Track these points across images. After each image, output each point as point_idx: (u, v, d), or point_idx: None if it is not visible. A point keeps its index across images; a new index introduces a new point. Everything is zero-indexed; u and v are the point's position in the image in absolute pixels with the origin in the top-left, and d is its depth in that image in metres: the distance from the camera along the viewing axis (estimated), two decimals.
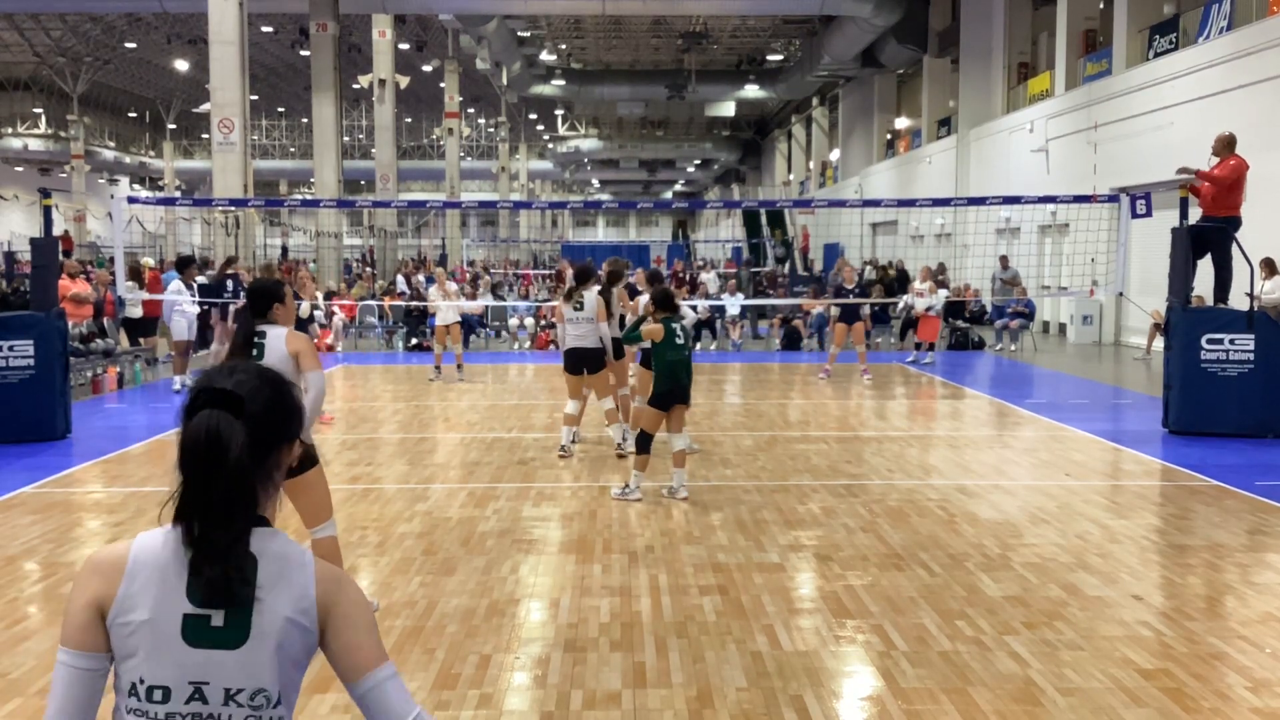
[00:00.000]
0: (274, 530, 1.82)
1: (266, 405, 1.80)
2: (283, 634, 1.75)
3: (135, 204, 19.88)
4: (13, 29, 45.99)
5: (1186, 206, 11.32)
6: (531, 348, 21.11)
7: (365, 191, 61.68)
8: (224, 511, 1.72)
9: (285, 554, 1.78)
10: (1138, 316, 19.80)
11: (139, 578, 1.76)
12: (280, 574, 1.76)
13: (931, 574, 6.25)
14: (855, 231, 37.57)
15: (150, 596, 1.74)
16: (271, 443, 1.81)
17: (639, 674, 4.77)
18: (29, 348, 10.39)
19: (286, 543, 1.81)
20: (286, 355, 5.19)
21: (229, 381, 1.79)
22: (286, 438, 1.85)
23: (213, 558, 1.72)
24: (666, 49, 45.37)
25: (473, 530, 7.25)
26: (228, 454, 1.72)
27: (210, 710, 1.73)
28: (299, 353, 5.22)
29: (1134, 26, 21.73)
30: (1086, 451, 10.24)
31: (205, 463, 1.72)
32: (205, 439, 1.73)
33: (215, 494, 1.72)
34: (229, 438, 1.72)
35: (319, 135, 28.17)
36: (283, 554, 1.78)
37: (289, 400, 1.87)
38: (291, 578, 1.77)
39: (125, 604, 1.75)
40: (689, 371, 8.20)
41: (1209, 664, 4.89)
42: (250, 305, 5.31)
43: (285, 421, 1.85)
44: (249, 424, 1.75)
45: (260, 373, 1.86)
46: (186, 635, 1.73)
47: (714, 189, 77.20)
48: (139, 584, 1.75)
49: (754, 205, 39.19)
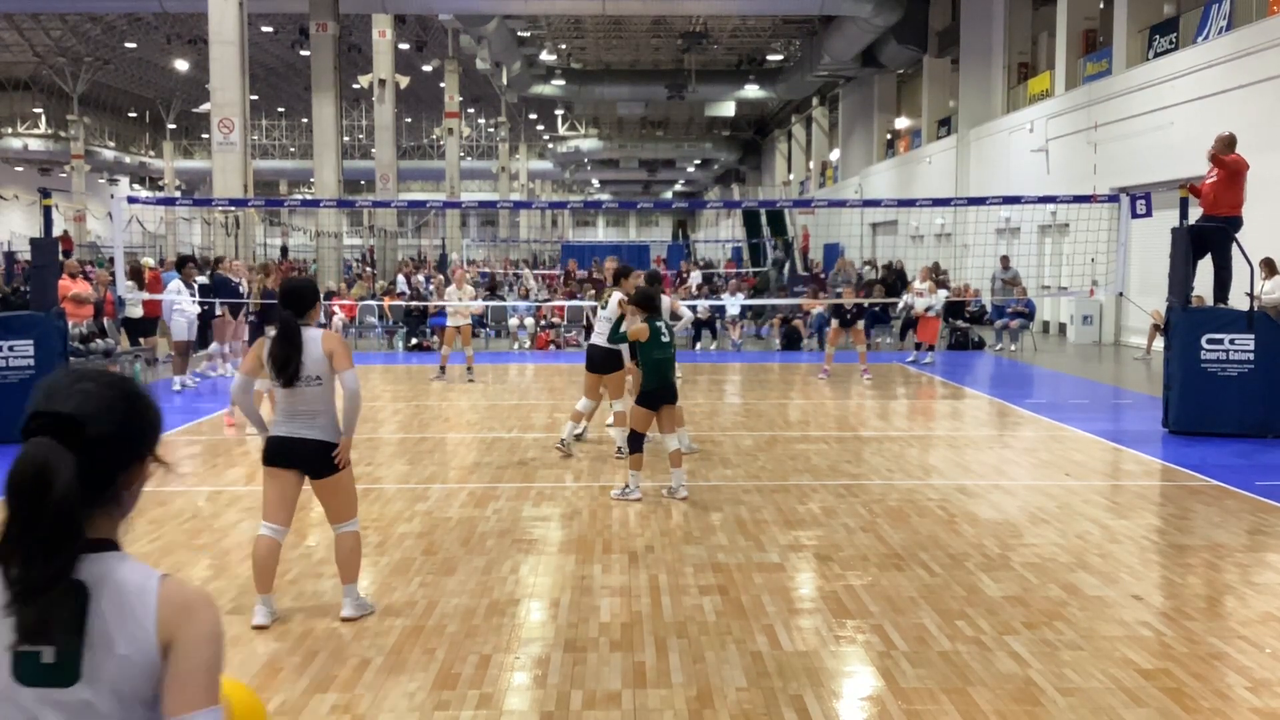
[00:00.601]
0: (118, 555, 1.69)
1: (116, 424, 1.68)
2: (119, 671, 1.63)
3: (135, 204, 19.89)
4: (13, 29, 45.99)
5: (1186, 206, 11.32)
6: (531, 348, 21.12)
7: (365, 191, 61.69)
8: (44, 551, 1.60)
9: (124, 584, 1.65)
10: (1138, 316, 19.80)
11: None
12: (117, 606, 1.63)
13: (931, 574, 6.25)
14: (855, 231, 37.58)
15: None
16: (120, 463, 1.70)
17: (639, 674, 4.77)
18: (29, 348, 10.39)
19: (130, 570, 1.67)
20: (322, 356, 5.24)
21: (69, 403, 1.65)
22: (138, 456, 1.73)
23: (27, 598, 1.60)
24: (666, 49, 45.37)
25: (473, 530, 7.25)
26: (51, 491, 1.59)
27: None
28: (333, 353, 5.27)
29: (1134, 26, 21.73)
30: (1086, 451, 10.25)
31: (29, 499, 1.60)
32: (31, 473, 1.60)
33: (36, 533, 1.60)
34: (55, 473, 1.60)
35: (319, 135, 28.17)
36: (122, 584, 1.65)
37: (143, 415, 1.74)
38: (130, 610, 1.64)
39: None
40: (673, 368, 8.26)
41: (1209, 664, 4.89)
42: (289, 304, 5.31)
43: (137, 439, 1.73)
44: (90, 448, 1.64)
45: (110, 386, 1.72)
46: (18, 673, 1.62)
47: (714, 189, 77.20)
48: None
49: (754, 205, 39.21)
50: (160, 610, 1.65)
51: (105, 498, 1.69)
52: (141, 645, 1.64)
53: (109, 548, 1.69)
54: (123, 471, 1.71)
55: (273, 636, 5.24)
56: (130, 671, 1.63)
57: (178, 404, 13.45)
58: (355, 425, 5.42)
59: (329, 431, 5.32)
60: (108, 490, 1.69)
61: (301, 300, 5.34)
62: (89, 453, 1.64)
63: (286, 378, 5.21)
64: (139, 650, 1.64)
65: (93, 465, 1.65)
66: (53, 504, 1.60)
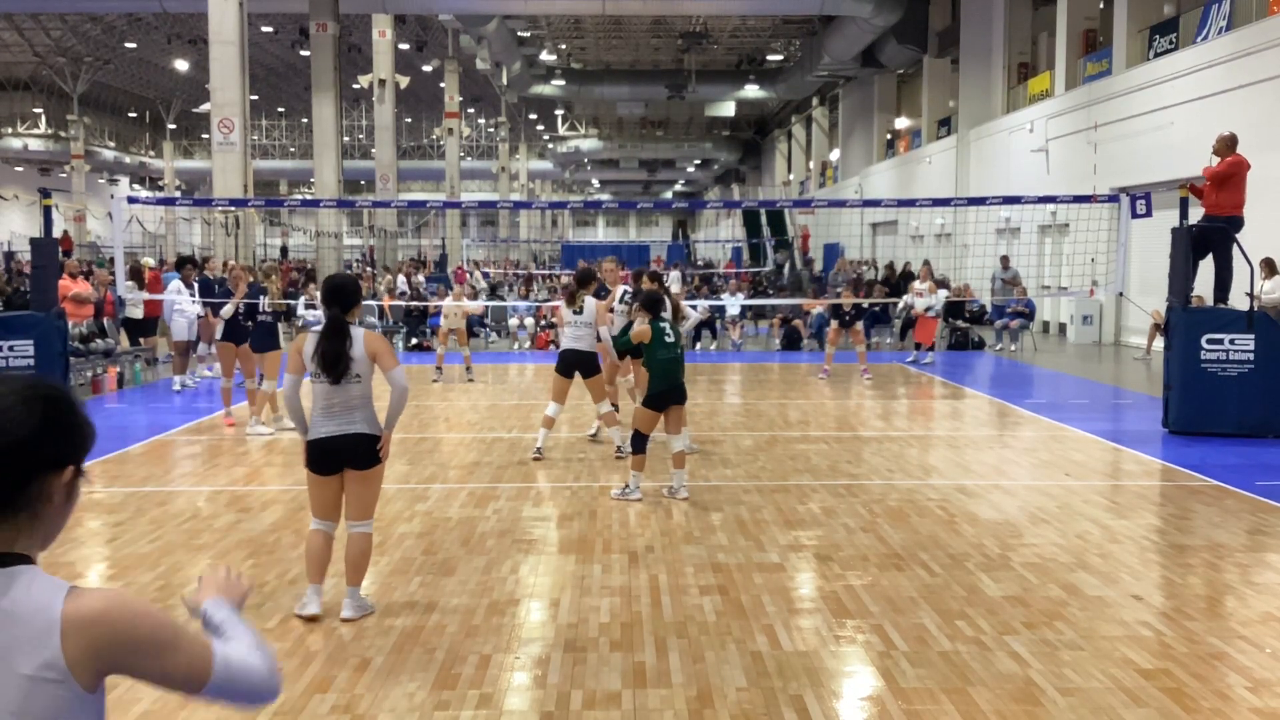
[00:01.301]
0: (24, 569, 1.59)
1: (31, 429, 1.60)
2: (26, 694, 1.52)
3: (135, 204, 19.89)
4: (13, 29, 46.00)
5: (1186, 206, 11.32)
6: (531, 348, 21.12)
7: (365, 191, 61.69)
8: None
9: (26, 597, 1.56)
10: (1138, 316, 19.80)
11: None
12: (18, 621, 1.54)
13: (931, 574, 6.25)
14: (855, 231, 37.59)
15: None
16: (30, 470, 1.61)
17: (639, 674, 4.77)
18: (29, 348, 10.40)
19: (29, 586, 1.57)
20: (364, 355, 5.27)
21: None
22: (54, 465, 1.64)
23: None
24: (666, 49, 45.37)
25: (473, 530, 7.25)
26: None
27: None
28: (377, 353, 5.32)
29: (1134, 26, 21.73)
30: (1086, 451, 10.24)
31: None
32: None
33: None
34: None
35: (319, 135, 28.17)
36: (24, 597, 1.55)
37: (64, 422, 1.66)
38: (30, 629, 1.53)
39: None
40: (682, 369, 8.23)
41: (1209, 664, 4.88)
42: (335, 300, 5.32)
43: (54, 445, 1.64)
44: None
45: (28, 390, 1.64)
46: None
47: (714, 189, 77.21)
48: None
49: (754, 205, 39.20)
50: (65, 632, 1.55)
51: (14, 504, 1.60)
52: (49, 667, 1.54)
53: (18, 561, 1.59)
54: (33, 480, 1.62)
55: (273, 636, 5.24)
56: (37, 694, 1.53)
57: (178, 404, 13.46)
58: (398, 417, 5.50)
59: (370, 424, 5.37)
60: (17, 497, 1.60)
61: (347, 296, 5.36)
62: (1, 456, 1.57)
63: (335, 375, 5.22)
64: (45, 672, 1.53)
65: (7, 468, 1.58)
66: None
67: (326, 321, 5.30)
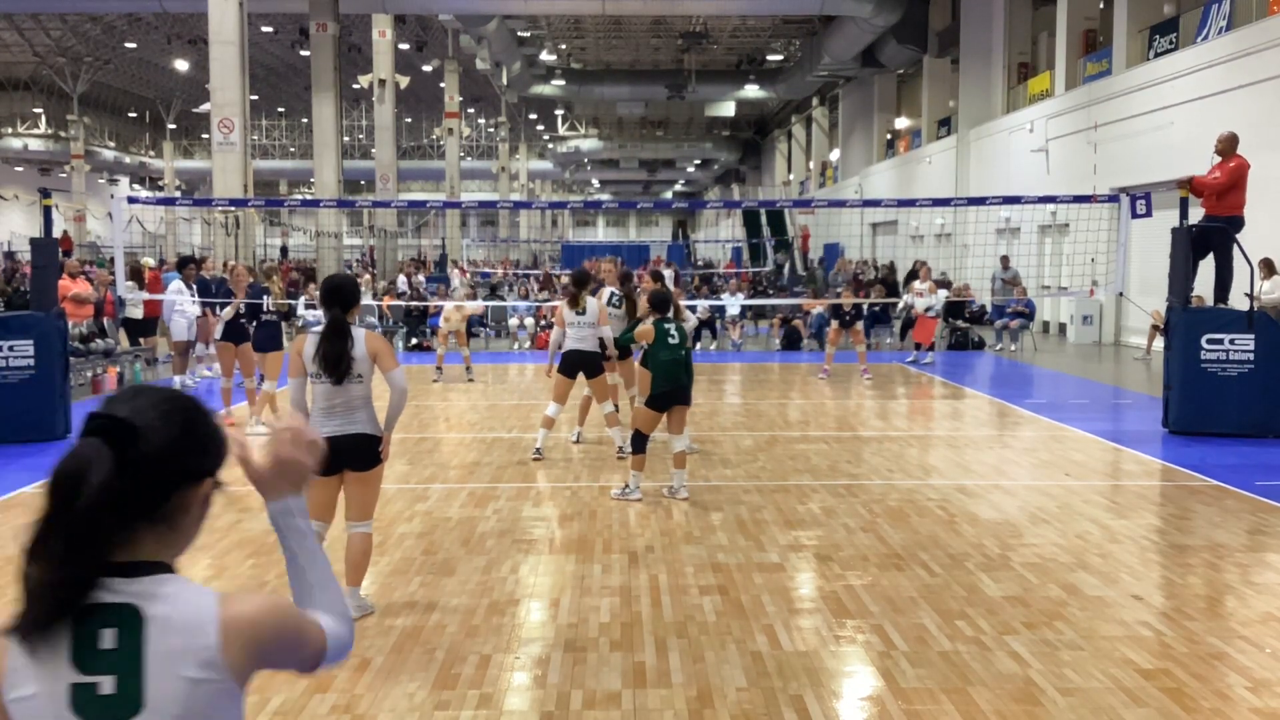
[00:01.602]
0: (170, 577, 1.61)
1: (170, 440, 1.60)
2: (189, 695, 1.55)
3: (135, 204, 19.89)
4: (13, 29, 46.00)
5: (1186, 206, 11.32)
6: (531, 348, 21.12)
7: (365, 191, 61.69)
8: (61, 553, 1.52)
9: (183, 604, 1.58)
10: (1138, 316, 19.80)
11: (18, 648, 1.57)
12: (180, 628, 1.56)
13: (931, 574, 6.25)
14: (855, 231, 37.60)
15: (33, 668, 1.55)
16: (172, 481, 1.62)
17: (639, 674, 4.77)
18: (29, 348, 10.39)
19: (180, 593, 1.59)
20: (365, 355, 5.28)
21: (127, 407, 1.60)
22: (193, 476, 1.65)
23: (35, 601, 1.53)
24: (666, 49, 45.37)
25: (473, 530, 7.25)
26: (81, 491, 1.52)
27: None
28: (377, 353, 5.33)
29: (1134, 26, 21.73)
30: (1086, 451, 10.24)
31: (61, 495, 1.54)
32: (68, 472, 1.54)
33: (58, 533, 1.53)
34: (92, 474, 1.53)
35: (319, 135, 28.18)
36: (181, 604, 1.58)
37: (203, 434, 1.66)
38: (188, 634, 1.56)
39: (13, 678, 1.56)
40: (689, 371, 8.19)
41: (1209, 664, 4.89)
42: (335, 301, 5.32)
43: (194, 457, 1.65)
44: (141, 460, 1.57)
45: (173, 401, 1.65)
46: (75, 707, 1.53)
47: (714, 189, 77.21)
48: (22, 655, 1.56)
49: (754, 205, 39.20)
50: (225, 636, 1.58)
51: (155, 515, 1.61)
52: (210, 669, 1.57)
53: (161, 570, 1.62)
54: (176, 490, 1.63)
55: None
56: (199, 695, 1.57)
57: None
58: (398, 418, 5.51)
59: (369, 425, 5.38)
60: (159, 507, 1.61)
61: (347, 296, 5.36)
62: (140, 463, 1.57)
63: (337, 375, 5.22)
64: (207, 674, 1.57)
65: (143, 477, 1.58)
66: (81, 503, 1.53)
67: (327, 322, 5.30)
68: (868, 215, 37.46)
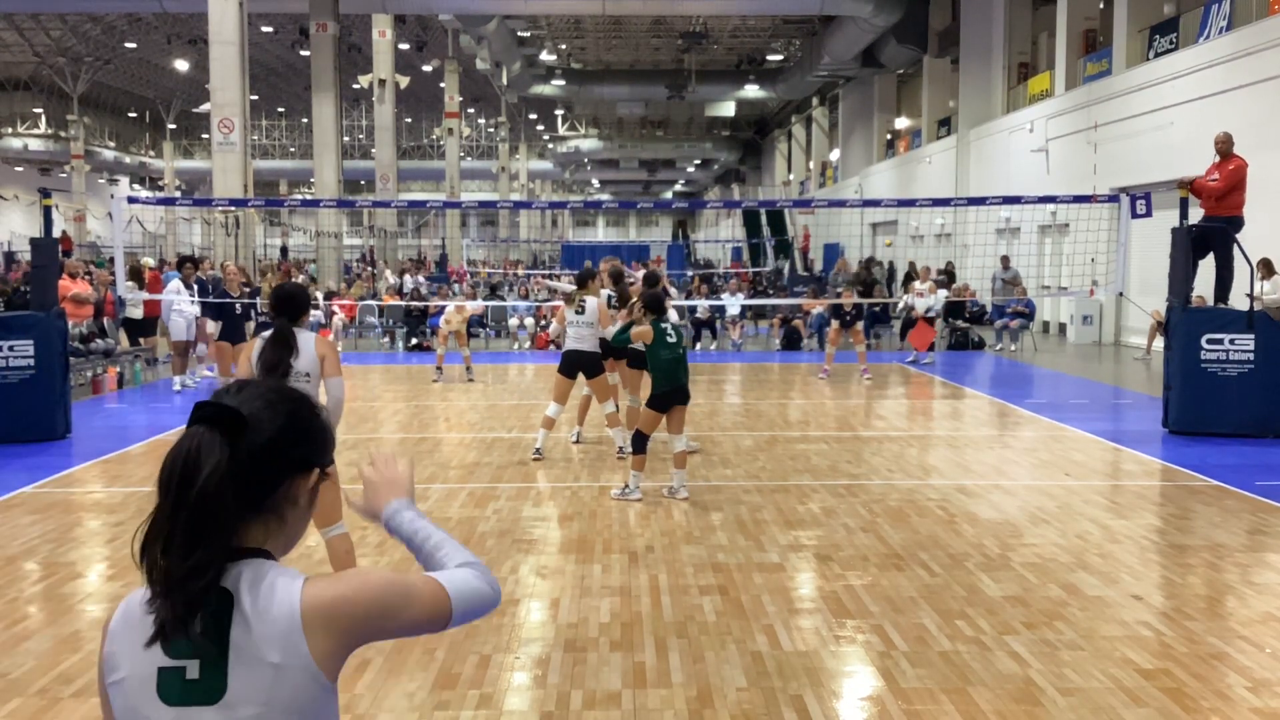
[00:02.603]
0: (265, 563, 1.62)
1: (278, 429, 1.63)
2: (272, 683, 1.55)
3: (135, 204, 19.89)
4: (13, 29, 46.00)
5: (1186, 206, 11.32)
6: (531, 348, 21.12)
7: (365, 191, 61.70)
8: (184, 541, 1.53)
9: (270, 589, 1.58)
10: (1138, 316, 19.80)
11: (120, 633, 1.60)
12: (264, 613, 1.56)
13: (931, 574, 6.24)
14: (855, 231, 37.60)
15: (128, 652, 1.57)
16: (280, 471, 1.64)
17: (639, 674, 4.77)
18: (29, 348, 10.39)
19: (276, 576, 1.60)
20: (315, 358, 5.32)
21: (236, 398, 1.63)
22: (301, 466, 1.67)
23: (167, 593, 1.53)
24: (666, 49, 45.37)
25: (473, 530, 7.25)
26: (197, 477, 1.54)
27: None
28: (324, 357, 5.38)
29: (1134, 26, 21.73)
30: (1086, 451, 10.24)
31: (175, 486, 1.55)
32: (181, 459, 1.56)
33: (178, 522, 1.54)
34: (205, 460, 1.54)
35: (319, 135, 28.18)
36: (268, 590, 1.58)
37: (309, 425, 1.69)
38: (277, 622, 1.56)
39: (110, 663, 1.59)
40: (686, 370, 8.19)
41: (1209, 664, 4.88)
42: (284, 309, 5.37)
43: (301, 447, 1.67)
44: (248, 450, 1.59)
45: (279, 392, 1.69)
46: (162, 692, 1.55)
47: (714, 189, 77.21)
48: (120, 640, 1.59)
49: (754, 205, 39.20)
50: (308, 623, 1.57)
51: (264, 505, 1.63)
52: (295, 656, 1.56)
53: (262, 555, 1.63)
54: (284, 480, 1.65)
55: None
56: (284, 682, 1.56)
57: (178, 404, 13.45)
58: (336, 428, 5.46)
59: None
60: (267, 498, 1.63)
61: (297, 306, 5.42)
62: (248, 453, 1.59)
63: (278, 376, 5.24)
64: (292, 660, 1.56)
65: (251, 466, 1.59)
66: (196, 492, 1.53)
67: (274, 328, 5.35)
68: (868, 215, 37.46)
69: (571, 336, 9.79)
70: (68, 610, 5.68)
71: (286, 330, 5.33)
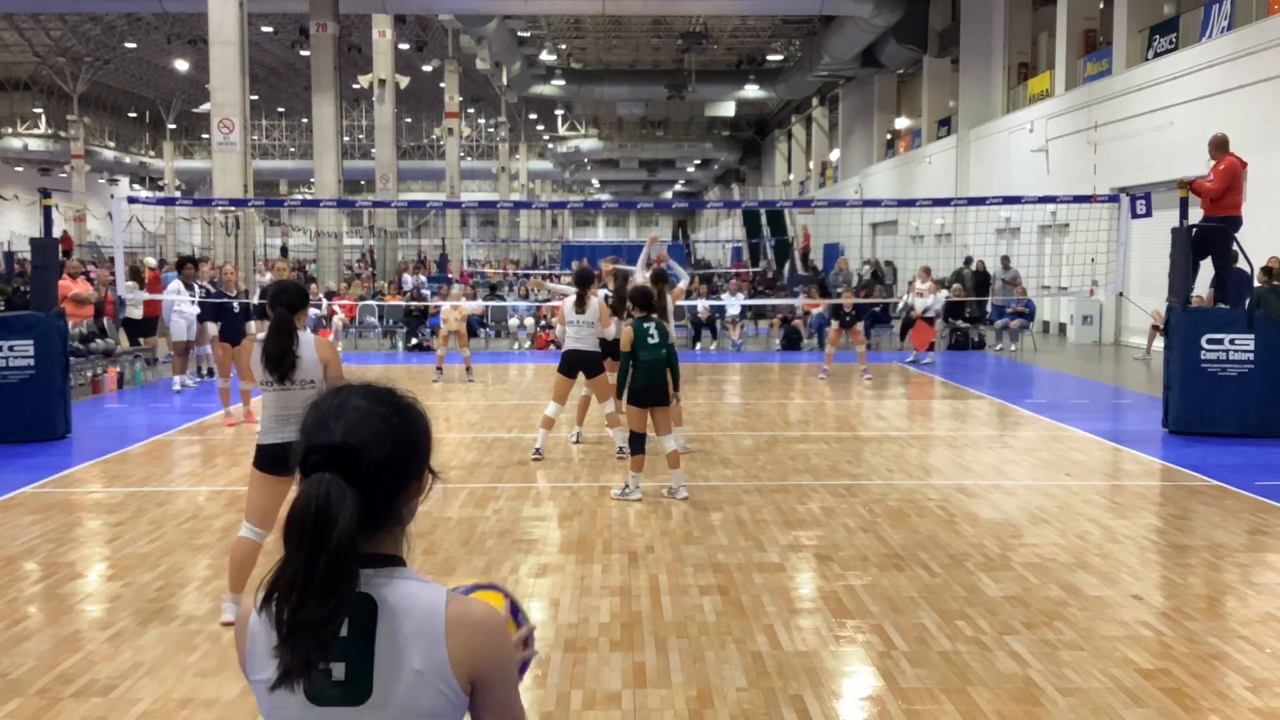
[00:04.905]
0: (405, 571, 1.66)
1: (392, 446, 1.65)
2: (414, 688, 1.60)
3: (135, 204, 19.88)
4: (13, 29, 45.99)
5: (1186, 206, 11.31)
6: (531, 348, 21.12)
7: (365, 191, 61.68)
8: (320, 590, 1.55)
9: (413, 599, 1.62)
10: (1138, 316, 19.80)
11: (260, 633, 1.64)
12: (407, 622, 1.61)
13: (931, 574, 6.24)
14: (855, 231, 37.59)
15: (270, 652, 1.61)
16: (399, 489, 1.67)
17: (639, 674, 4.77)
18: (29, 348, 10.39)
19: (418, 587, 1.64)
20: (317, 362, 5.27)
21: (339, 428, 1.62)
22: (416, 473, 1.70)
23: (299, 637, 1.56)
24: (666, 49, 45.36)
25: (473, 530, 7.25)
26: (333, 530, 1.55)
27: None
28: (328, 362, 5.31)
29: (1134, 26, 21.73)
30: (1086, 451, 10.24)
31: (310, 538, 1.55)
32: (313, 512, 1.56)
33: (314, 573, 1.55)
34: (337, 511, 1.56)
35: (319, 135, 28.17)
36: (411, 600, 1.62)
37: (416, 435, 1.70)
38: (420, 627, 1.61)
39: (253, 662, 1.66)
40: (664, 373, 8.10)
41: (1209, 664, 4.88)
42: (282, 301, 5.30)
43: (414, 456, 1.69)
44: (369, 476, 1.61)
45: (377, 402, 1.68)
46: (309, 692, 1.60)
47: (714, 189, 77.19)
48: (261, 640, 1.64)
49: (754, 205, 39.20)
50: (450, 631, 1.62)
51: (386, 518, 1.66)
52: (435, 663, 1.60)
53: (395, 563, 1.66)
54: (406, 488, 1.69)
55: None
56: (424, 688, 1.60)
57: (178, 404, 13.45)
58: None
59: None
60: (389, 511, 1.66)
61: (293, 297, 5.32)
62: (367, 479, 1.61)
63: (281, 373, 5.20)
64: (432, 668, 1.60)
65: (371, 491, 1.61)
66: (333, 544, 1.55)
67: (272, 320, 5.27)
68: (868, 215, 37.46)
69: (571, 336, 9.78)
70: (68, 610, 5.68)
71: (286, 319, 5.27)
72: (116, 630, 5.35)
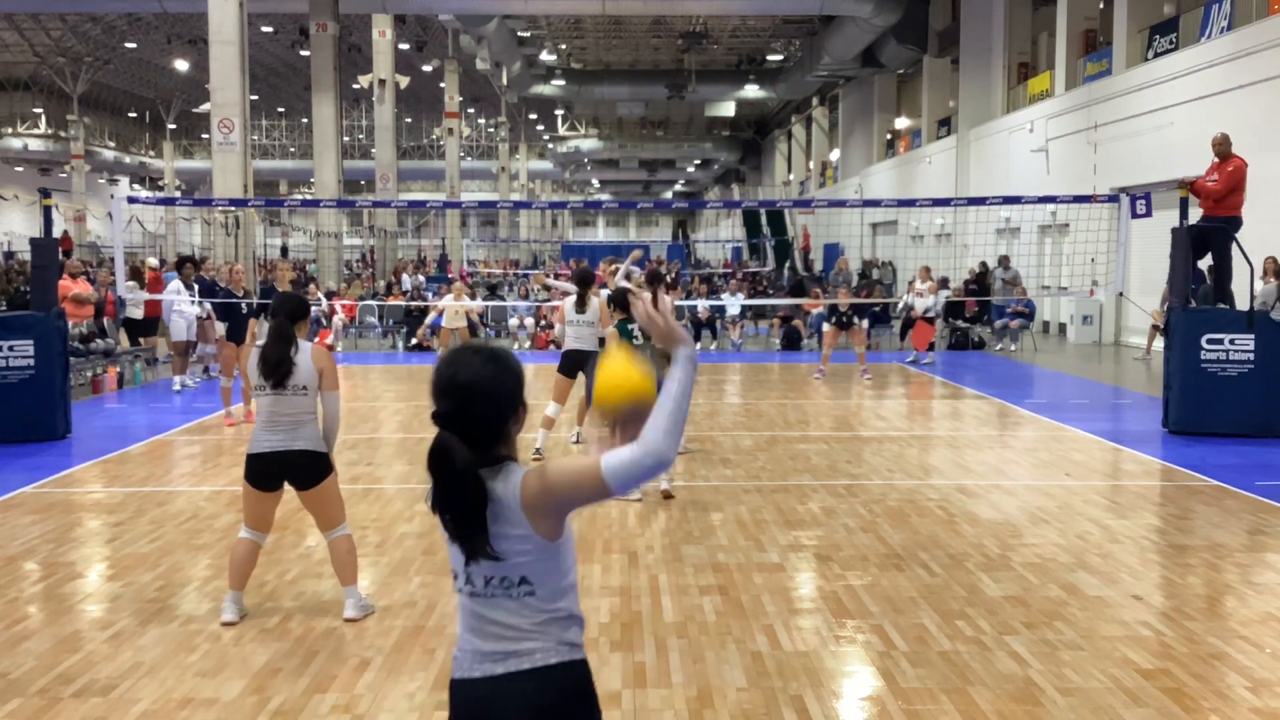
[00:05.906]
0: (510, 465, 2.35)
1: (492, 400, 2.33)
2: (512, 547, 2.33)
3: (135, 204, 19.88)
4: (13, 29, 45.99)
5: (1186, 206, 11.32)
6: (532, 348, 21.12)
7: (365, 191, 61.68)
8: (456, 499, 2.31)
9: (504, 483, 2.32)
10: (1138, 316, 19.80)
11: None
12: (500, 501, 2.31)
13: (931, 574, 6.24)
14: (855, 231, 37.58)
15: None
16: (503, 419, 2.36)
17: (639, 674, 4.77)
18: (29, 348, 10.39)
19: (513, 476, 2.33)
20: (313, 370, 5.30)
21: (449, 402, 2.32)
22: (513, 411, 2.37)
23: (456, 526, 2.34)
24: (666, 49, 45.36)
25: None
26: (451, 467, 2.30)
27: (476, 589, 2.40)
28: (324, 371, 5.36)
29: (1134, 26, 21.73)
30: (1086, 451, 10.24)
31: (438, 470, 2.32)
32: (438, 456, 2.31)
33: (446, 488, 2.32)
34: (453, 454, 2.29)
35: (319, 135, 28.16)
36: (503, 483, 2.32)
37: (508, 380, 2.35)
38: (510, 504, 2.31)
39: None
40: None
41: (1209, 664, 4.89)
42: (282, 310, 5.36)
43: (510, 401, 2.36)
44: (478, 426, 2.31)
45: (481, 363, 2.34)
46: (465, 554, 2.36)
47: (714, 189, 77.19)
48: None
49: (754, 205, 39.19)
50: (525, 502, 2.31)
51: (498, 440, 2.36)
52: (520, 526, 2.32)
53: (507, 460, 2.36)
54: (510, 419, 2.38)
55: (273, 636, 5.24)
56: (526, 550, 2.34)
57: (178, 404, 13.45)
58: (335, 443, 5.50)
59: (313, 441, 5.36)
60: (499, 435, 2.36)
61: (294, 306, 5.40)
62: (483, 426, 2.33)
63: (277, 378, 5.23)
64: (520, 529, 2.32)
65: (487, 431, 2.33)
66: (452, 475, 2.30)
67: (271, 327, 5.31)
68: (868, 215, 37.45)
69: (571, 335, 9.78)
70: (68, 610, 5.68)
71: (286, 327, 5.32)
72: (116, 630, 5.35)
